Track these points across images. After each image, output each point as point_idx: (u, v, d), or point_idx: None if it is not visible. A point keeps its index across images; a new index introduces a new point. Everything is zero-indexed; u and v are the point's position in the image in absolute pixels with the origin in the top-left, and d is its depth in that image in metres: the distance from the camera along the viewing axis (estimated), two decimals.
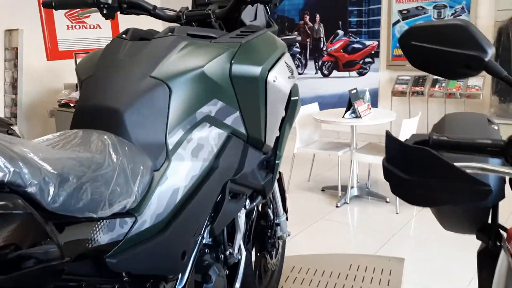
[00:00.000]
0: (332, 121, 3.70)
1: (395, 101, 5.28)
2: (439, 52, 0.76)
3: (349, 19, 5.59)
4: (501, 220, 1.01)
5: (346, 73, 5.77)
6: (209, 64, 1.19)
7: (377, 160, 3.60)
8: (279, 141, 1.55)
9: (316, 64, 5.97)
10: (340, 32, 5.69)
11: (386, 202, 3.70)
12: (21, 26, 5.39)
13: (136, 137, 1.06)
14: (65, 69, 5.87)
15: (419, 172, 0.70)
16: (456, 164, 0.69)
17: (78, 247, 0.88)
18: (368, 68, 5.57)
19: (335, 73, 5.84)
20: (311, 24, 5.89)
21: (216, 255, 1.44)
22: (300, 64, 6.10)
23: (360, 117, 3.60)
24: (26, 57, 5.41)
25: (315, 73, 5.99)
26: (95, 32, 6.35)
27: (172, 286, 1.16)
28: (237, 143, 1.33)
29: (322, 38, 5.85)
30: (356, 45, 5.62)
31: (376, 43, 5.45)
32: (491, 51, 0.73)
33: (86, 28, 6.24)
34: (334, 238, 3.15)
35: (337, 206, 3.69)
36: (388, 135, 0.73)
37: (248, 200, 1.55)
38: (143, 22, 1.87)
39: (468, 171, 0.68)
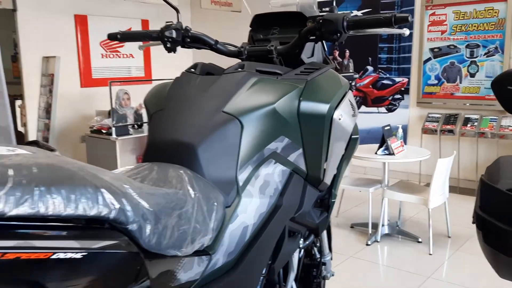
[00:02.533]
0: (364, 157, 3.66)
1: (425, 139, 5.22)
2: None
3: (379, 55, 5.61)
4: None
5: (374, 109, 5.75)
6: (280, 101, 1.19)
7: (409, 199, 3.53)
8: (335, 179, 1.52)
9: None
10: (370, 68, 5.71)
11: (418, 242, 3.60)
12: (58, 53, 5.56)
13: (209, 172, 1.05)
14: (97, 96, 6.00)
15: None
16: None
17: (163, 285, 0.86)
18: (397, 104, 5.55)
19: (363, 108, 5.82)
20: (341, 60, 5.93)
21: None
22: None
23: (393, 154, 3.55)
24: (61, 83, 5.56)
25: None
26: (127, 61, 6.51)
27: None
28: (298, 181, 1.31)
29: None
30: (385, 81, 5.62)
31: (406, 80, 5.44)
32: None
33: (119, 57, 6.40)
34: (365, 278, 3.06)
35: (367, 244, 3.60)
36: (483, 181, 0.70)
37: (301, 240, 1.52)
38: (172, 54, 1.88)
39: None
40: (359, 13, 5.69)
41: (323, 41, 1.47)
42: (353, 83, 1.61)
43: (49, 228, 0.58)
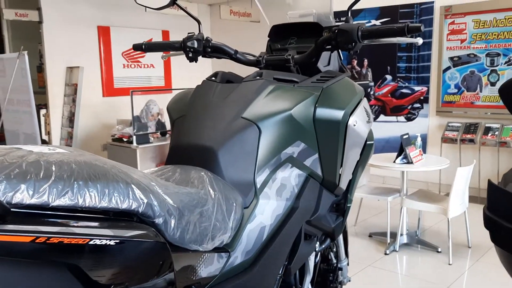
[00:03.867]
0: (382, 165, 3.66)
1: (445, 148, 5.18)
2: None
3: (398, 64, 5.60)
4: None
5: (393, 118, 5.73)
6: (296, 107, 1.23)
7: (428, 208, 3.51)
8: (350, 184, 1.55)
9: None
10: (388, 77, 5.70)
11: (438, 252, 3.57)
12: (81, 64, 5.71)
13: (228, 174, 1.10)
14: (119, 105, 6.13)
15: None
16: None
17: (185, 278, 0.91)
18: (416, 113, 5.52)
19: (382, 117, 5.81)
20: (359, 69, 5.94)
21: None
22: None
23: (412, 162, 3.54)
24: (84, 93, 5.70)
25: None
26: (148, 71, 6.64)
27: None
28: (314, 185, 1.35)
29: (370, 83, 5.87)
30: (404, 90, 5.60)
31: (425, 88, 5.42)
32: None
33: (140, 67, 6.53)
34: (383, 287, 3.05)
35: (385, 254, 3.59)
36: (491, 184, 0.73)
37: (318, 243, 1.55)
38: (199, 65, 1.93)
39: None
40: (377, 22, 5.71)
41: (339, 51, 1.50)
42: (370, 91, 1.63)
43: (86, 219, 0.63)
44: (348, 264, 2.01)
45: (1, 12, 5.79)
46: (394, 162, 3.61)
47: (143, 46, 1.59)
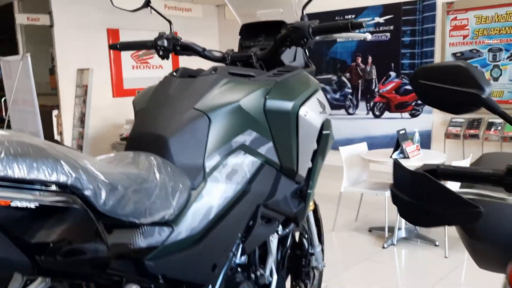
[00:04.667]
0: (378, 160, 3.72)
1: (449, 144, 5.20)
2: (443, 89, 0.84)
3: (402, 61, 5.64)
4: None
5: (398, 114, 5.76)
6: (244, 99, 1.33)
7: None
8: (311, 172, 1.64)
9: (368, 105, 6.02)
10: (392, 73, 5.74)
11: (435, 245, 3.61)
12: (91, 66, 5.88)
13: (178, 159, 1.20)
14: (128, 105, 6.28)
15: (421, 196, 0.78)
16: (453, 189, 0.76)
17: (121, 247, 1.01)
18: (420, 109, 5.55)
19: (386, 114, 5.85)
20: (363, 66, 5.98)
21: (247, 274, 1.52)
22: (351, 105, 6.17)
23: (408, 157, 3.59)
24: (94, 94, 5.87)
25: (367, 114, 6.03)
26: (157, 72, 6.79)
27: None
28: (270, 171, 1.44)
29: (374, 80, 5.91)
30: (408, 87, 5.63)
31: None
32: (488, 89, 0.81)
33: (149, 68, 6.69)
34: (379, 279, 3.11)
35: (383, 247, 3.65)
36: (396, 163, 0.81)
37: (281, 227, 1.63)
38: (201, 62, 2.06)
39: (467, 196, 0.75)
40: (381, 19, 5.75)
41: (301, 47, 1.59)
42: (374, 88, 1.70)
43: (13, 187, 0.74)
44: (322, 250, 2.09)
45: (14, 16, 6.00)
46: (391, 157, 3.67)
47: (118, 46, 1.71)
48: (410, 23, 5.50)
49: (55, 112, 6.02)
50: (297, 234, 2.01)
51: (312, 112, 1.50)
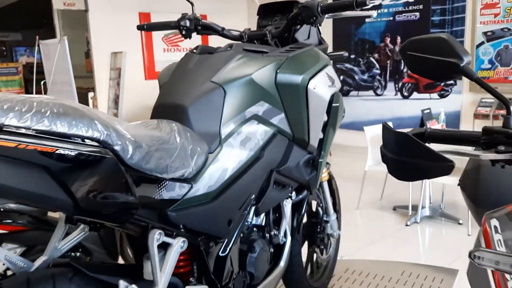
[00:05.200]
0: None
1: (478, 124, 5.15)
2: (427, 59, 0.94)
3: None
4: None
5: (427, 95, 5.73)
6: (257, 72, 1.45)
7: (451, 181, 3.59)
8: (323, 142, 1.75)
9: (396, 85, 6.00)
10: None
11: (459, 224, 3.66)
12: (124, 49, 6.08)
13: (197, 126, 1.33)
14: None
15: (404, 153, 0.89)
16: (432, 148, 0.87)
17: (147, 198, 1.15)
18: (450, 90, 5.50)
19: (415, 95, 5.82)
20: (392, 46, 5.95)
21: (263, 234, 1.66)
22: (379, 86, 6.16)
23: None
24: (128, 76, 6.08)
25: (395, 95, 6.01)
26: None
27: (219, 247, 1.40)
28: (282, 140, 1.56)
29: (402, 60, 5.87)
30: None
31: None
32: (466, 58, 0.90)
33: (179, 50, 6.84)
34: (401, 254, 3.20)
35: (406, 225, 3.72)
36: (384, 126, 0.92)
37: (294, 193, 1.77)
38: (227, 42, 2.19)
39: (446, 154, 0.86)
40: None
41: (311, 25, 1.68)
42: (403, 69, 1.79)
43: (56, 140, 0.89)
44: (338, 219, 2.21)
45: (51, 2, 6.24)
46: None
47: (145, 26, 1.85)
48: (440, 2, 5.43)
49: (90, 94, 6.27)
50: (314, 204, 2.13)
51: (321, 86, 1.60)
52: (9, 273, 1.25)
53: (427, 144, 0.92)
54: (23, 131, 0.85)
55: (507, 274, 0.77)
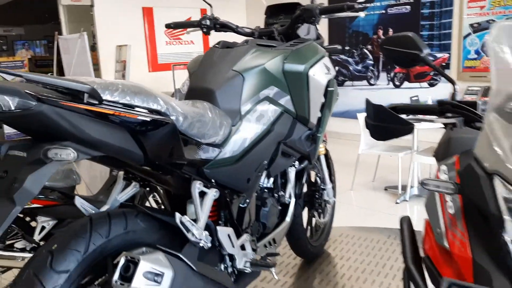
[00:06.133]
0: None
1: None
2: (397, 51, 1.26)
3: (421, 32, 5.88)
4: None
5: (417, 84, 6.04)
6: (268, 63, 1.79)
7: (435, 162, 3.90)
8: (321, 120, 2.08)
9: (388, 75, 6.31)
10: None
11: None
12: (129, 42, 6.36)
13: (222, 105, 1.65)
14: (163, 79, 6.77)
15: (380, 120, 1.21)
16: (400, 115, 1.19)
17: (191, 156, 1.48)
18: (439, 79, 5.81)
19: (406, 84, 6.13)
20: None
21: (272, 194, 2.00)
22: (373, 76, 6.47)
23: (419, 122, 3.94)
24: (132, 68, 6.37)
25: (387, 84, 6.32)
26: (189, 47, 7.22)
27: (241, 199, 1.74)
28: (288, 118, 1.90)
29: None
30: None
31: (447, 55, 5.69)
32: (425, 50, 1.22)
33: (181, 44, 7.13)
34: (390, 227, 3.52)
35: (396, 203, 4.04)
36: (367, 100, 1.24)
37: (297, 162, 2.11)
38: (223, 37, 2.49)
39: (412, 121, 1.17)
40: None
41: (310, 23, 2.01)
42: (368, 58, 2.11)
43: (135, 109, 1.21)
44: (334, 188, 2.54)
45: None
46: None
47: (172, 25, 2.17)
48: None
49: None
50: (313, 176, 2.46)
51: (319, 73, 1.95)
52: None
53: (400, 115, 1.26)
54: (114, 104, 1.17)
55: (446, 196, 1.08)
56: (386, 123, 1.25)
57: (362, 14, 2.12)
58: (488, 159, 0.97)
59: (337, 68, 6.80)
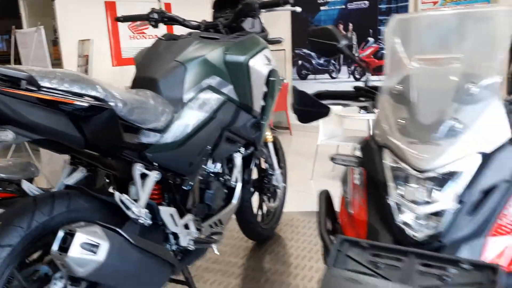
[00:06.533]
0: (349, 115, 4.23)
1: None
2: (320, 42, 1.37)
3: (379, 27, 6.08)
4: None
5: (376, 77, 6.22)
6: (210, 54, 1.88)
7: None
8: (265, 109, 2.18)
9: (349, 69, 6.49)
10: (371, 39, 6.18)
11: None
12: (91, 36, 6.32)
13: (165, 93, 1.74)
14: (127, 73, 6.75)
15: (303, 105, 1.31)
16: (323, 101, 1.30)
17: (131, 140, 1.56)
18: None
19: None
20: (345, 32, 6.42)
21: (218, 178, 2.10)
22: (334, 69, 6.64)
23: (373, 112, 4.10)
24: (95, 63, 6.33)
25: (348, 77, 6.50)
26: (152, 41, 7.21)
27: (184, 182, 1.82)
28: (231, 106, 2.00)
29: (354, 46, 6.36)
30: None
31: (378, 46, 5.88)
32: (343, 42, 1.33)
33: (145, 38, 7.12)
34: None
35: None
36: (293, 87, 1.34)
37: (244, 149, 2.22)
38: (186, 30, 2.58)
39: (330, 105, 1.29)
40: None
41: (252, 17, 2.11)
42: (355, 52, 2.22)
43: (73, 96, 1.28)
44: (283, 174, 2.67)
45: None
46: (359, 112, 4.17)
47: (121, 18, 2.24)
48: None
49: None
50: (259, 160, 2.59)
51: (259, 64, 2.06)
52: None
53: (323, 101, 1.38)
54: (52, 90, 1.25)
55: (355, 169, 1.20)
56: (309, 108, 1.38)
57: (298, 9, 2.24)
58: (379, 134, 1.09)
59: (300, 62, 6.96)
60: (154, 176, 1.62)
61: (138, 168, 1.58)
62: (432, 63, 1.14)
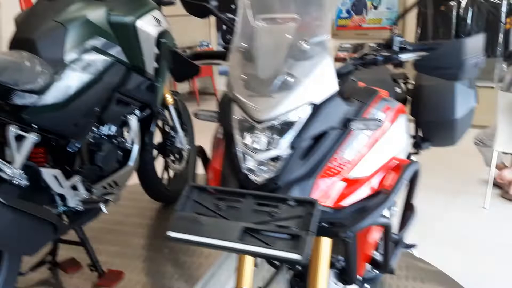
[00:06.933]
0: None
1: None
2: (191, 3, 1.42)
3: None
4: None
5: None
6: (91, 14, 1.87)
7: None
8: (159, 71, 2.21)
9: None
10: None
11: None
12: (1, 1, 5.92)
13: (44, 54, 1.71)
14: None
15: (177, 64, 1.38)
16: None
17: (4, 101, 1.55)
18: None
19: None
20: None
21: (112, 140, 2.10)
22: None
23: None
24: (6, 28, 5.95)
25: None
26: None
27: (70, 144, 1.83)
28: (120, 67, 2.00)
29: None
30: None
31: None
32: (213, 3, 1.38)
33: None
34: None
35: None
36: (169, 48, 1.39)
37: (139, 111, 2.23)
38: None
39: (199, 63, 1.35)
40: None
41: None
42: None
43: None
44: (186, 136, 2.74)
45: None
46: None
47: None
48: None
49: None
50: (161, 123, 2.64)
51: (147, 25, 2.08)
52: None
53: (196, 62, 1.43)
54: None
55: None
56: (181, 66, 1.42)
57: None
58: (229, 90, 1.18)
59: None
60: (32, 137, 1.62)
61: (12, 130, 1.57)
62: (272, 23, 1.22)
